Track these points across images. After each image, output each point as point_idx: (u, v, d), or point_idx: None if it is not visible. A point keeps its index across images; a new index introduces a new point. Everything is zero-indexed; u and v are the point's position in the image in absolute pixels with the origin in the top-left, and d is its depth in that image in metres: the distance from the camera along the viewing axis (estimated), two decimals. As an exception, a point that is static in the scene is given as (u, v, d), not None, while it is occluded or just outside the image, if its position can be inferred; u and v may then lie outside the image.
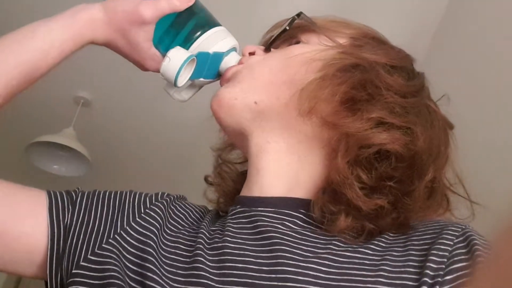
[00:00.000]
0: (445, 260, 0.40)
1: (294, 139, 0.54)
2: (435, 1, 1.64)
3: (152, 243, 0.48)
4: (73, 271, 0.47)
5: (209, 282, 0.42)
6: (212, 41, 0.60)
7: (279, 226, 0.48)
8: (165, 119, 2.47)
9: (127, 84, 2.29)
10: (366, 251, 0.45)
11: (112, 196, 0.55)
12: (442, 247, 0.42)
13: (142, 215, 0.52)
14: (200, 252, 0.46)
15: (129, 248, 0.48)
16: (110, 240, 0.49)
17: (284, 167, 0.53)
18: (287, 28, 0.59)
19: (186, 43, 0.60)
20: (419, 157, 0.49)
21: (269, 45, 0.60)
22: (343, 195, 0.48)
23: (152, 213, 0.52)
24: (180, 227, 0.53)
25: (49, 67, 0.56)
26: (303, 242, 0.47)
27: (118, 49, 0.60)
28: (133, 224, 0.50)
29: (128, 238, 0.49)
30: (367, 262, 0.43)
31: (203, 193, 0.66)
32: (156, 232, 0.50)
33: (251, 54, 0.61)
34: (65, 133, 2.21)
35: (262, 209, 0.50)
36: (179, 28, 0.60)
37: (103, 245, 0.48)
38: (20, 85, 0.54)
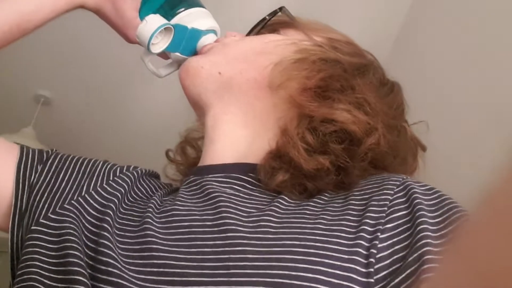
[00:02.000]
0: (385, 208, 0.41)
1: (251, 114, 0.55)
2: (397, 6, 1.68)
3: (113, 205, 0.49)
4: (32, 228, 0.47)
5: (155, 240, 0.43)
6: (192, 17, 0.63)
7: (227, 189, 0.49)
8: (129, 118, 2.44)
9: (89, 83, 2.25)
10: (309, 203, 0.46)
11: (84, 162, 0.56)
12: (382, 197, 0.42)
13: (110, 181, 0.53)
14: (149, 214, 0.47)
15: (90, 210, 0.49)
16: (72, 202, 0.49)
17: (238, 139, 0.55)
18: (267, 17, 0.62)
19: (170, 19, 0.62)
20: (375, 151, 0.50)
21: (249, 33, 0.63)
22: (286, 154, 0.49)
23: (119, 181, 0.53)
24: (138, 198, 0.54)
25: (40, 22, 0.58)
26: (249, 201, 0.48)
27: (105, 16, 0.62)
28: (98, 189, 0.51)
29: (91, 201, 0.50)
30: (308, 212, 0.44)
31: (163, 169, 0.67)
32: (120, 197, 0.51)
33: None
34: (24, 132, 2.15)
35: (213, 175, 0.52)
36: (169, 11, 0.62)
37: (65, 205, 0.49)
38: (12, 33, 0.57)
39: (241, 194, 0.49)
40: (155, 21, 0.58)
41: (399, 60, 1.60)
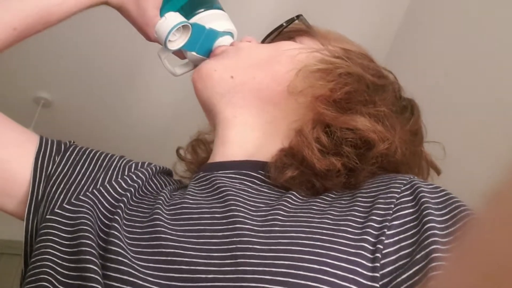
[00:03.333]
0: (392, 206, 0.42)
1: (263, 117, 0.56)
2: (395, 6, 1.68)
3: (125, 199, 0.50)
4: (47, 217, 0.48)
5: (164, 230, 0.44)
6: (211, 18, 0.64)
7: (236, 185, 0.50)
8: (129, 121, 2.44)
9: (89, 85, 2.25)
10: (316, 200, 0.47)
11: (101, 156, 0.58)
12: (389, 194, 0.43)
13: (125, 176, 0.54)
14: (159, 206, 0.48)
15: (104, 203, 0.50)
16: (88, 193, 0.50)
17: (249, 140, 0.56)
18: (284, 24, 0.62)
19: (190, 19, 0.64)
20: (391, 160, 0.50)
21: (265, 39, 0.64)
22: (299, 153, 0.50)
23: (133, 177, 0.54)
24: (148, 193, 0.55)
25: (64, 15, 0.59)
26: (258, 196, 0.49)
27: (128, 14, 0.63)
28: (113, 183, 0.53)
29: (106, 194, 0.51)
30: (315, 208, 0.45)
31: (173, 166, 0.67)
32: (133, 191, 0.52)
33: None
34: (24, 134, 2.15)
35: (223, 171, 0.53)
36: (190, 11, 0.64)
37: (80, 197, 0.50)
38: (35, 25, 0.58)
39: (250, 190, 0.50)
40: (174, 18, 0.59)
41: (398, 60, 1.60)
